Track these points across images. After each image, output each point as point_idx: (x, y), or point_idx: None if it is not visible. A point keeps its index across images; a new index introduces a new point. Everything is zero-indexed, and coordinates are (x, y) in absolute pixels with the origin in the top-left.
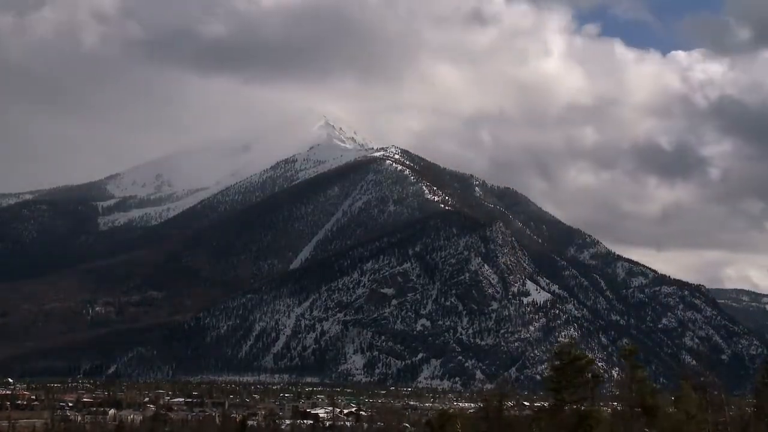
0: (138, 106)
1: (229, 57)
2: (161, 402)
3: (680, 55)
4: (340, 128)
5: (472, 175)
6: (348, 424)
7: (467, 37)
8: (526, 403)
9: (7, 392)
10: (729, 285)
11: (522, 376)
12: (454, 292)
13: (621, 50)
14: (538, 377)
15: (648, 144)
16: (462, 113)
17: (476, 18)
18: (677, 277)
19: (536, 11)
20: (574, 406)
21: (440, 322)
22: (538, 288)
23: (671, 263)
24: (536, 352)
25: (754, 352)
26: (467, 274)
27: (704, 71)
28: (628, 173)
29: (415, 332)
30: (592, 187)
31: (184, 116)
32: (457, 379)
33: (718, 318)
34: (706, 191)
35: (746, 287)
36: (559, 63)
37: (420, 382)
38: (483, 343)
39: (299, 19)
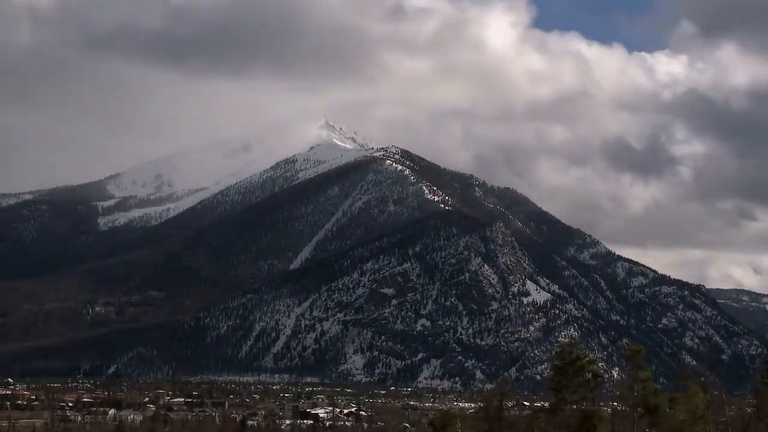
0: (140, 105)
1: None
2: (161, 402)
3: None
4: (340, 128)
5: (472, 175)
6: (348, 424)
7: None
8: (526, 403)
9: (7, 392)
10: (713, 284)
11: (522, 376)
12: (454, 292)
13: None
14: (538, 377)
15: (620, 140)
16: (431, 105)
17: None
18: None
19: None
20: (575, 406)
21: (440, 322)
22: (538, 288)
23: (656, 262)
24: (536, 352)
25: (754, 352)
26: (467, 274)
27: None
28: (599, 171)
29: (415, 332)
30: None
31: (184, 116)
32: (457, 379)
33: (718, 318)
34: (682, 190)
35: (732, 286)
36: (513, 52)
37: (420, 382)
38: (483, 343)
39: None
